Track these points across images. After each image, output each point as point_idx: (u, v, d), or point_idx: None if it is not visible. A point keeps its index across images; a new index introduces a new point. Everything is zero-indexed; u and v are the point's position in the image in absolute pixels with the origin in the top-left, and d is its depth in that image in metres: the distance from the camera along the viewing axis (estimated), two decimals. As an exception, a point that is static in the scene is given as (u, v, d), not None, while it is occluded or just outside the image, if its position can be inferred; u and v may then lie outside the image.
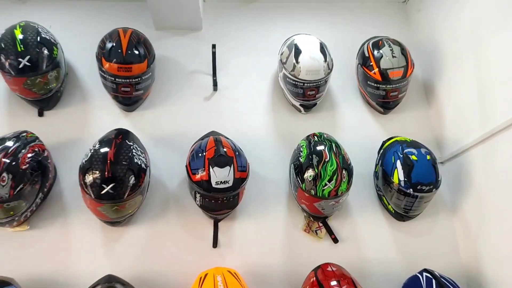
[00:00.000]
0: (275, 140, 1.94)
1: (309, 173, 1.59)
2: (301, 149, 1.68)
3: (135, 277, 1.60)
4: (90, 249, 1.68)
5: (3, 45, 1.67)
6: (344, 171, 1.60)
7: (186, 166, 1.62)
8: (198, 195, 1.60)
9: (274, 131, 1.96)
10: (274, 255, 1.72)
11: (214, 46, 1.95)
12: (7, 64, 1.66)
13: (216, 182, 1.53)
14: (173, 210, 1.77)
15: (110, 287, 1.43)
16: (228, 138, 1.73)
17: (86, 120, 1.90)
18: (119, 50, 1.73)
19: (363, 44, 2.05)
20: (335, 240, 1.75)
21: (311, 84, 1.85)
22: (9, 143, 1.55)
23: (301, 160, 1.64)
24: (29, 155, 1.56)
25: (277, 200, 1.82)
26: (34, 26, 1.77)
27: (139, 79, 1.78)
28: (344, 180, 1.59)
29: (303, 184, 1.61)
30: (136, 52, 1.76)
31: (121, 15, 2.13)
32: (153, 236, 1.72)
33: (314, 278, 1.48)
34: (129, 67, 1.74)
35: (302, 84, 1.85)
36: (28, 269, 1.61)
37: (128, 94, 1.83)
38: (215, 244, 1.72)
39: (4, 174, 1.46)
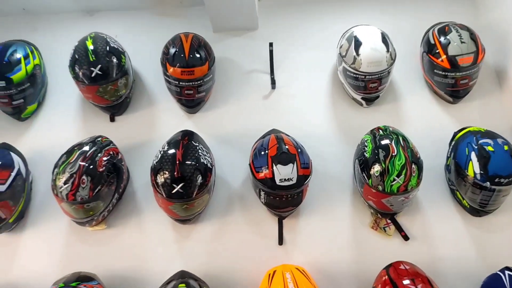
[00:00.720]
0: (337, 136, 1.91)
1: (376, 169, 1.54)
2: (366, 143, 1.64)
3: (205, 273, 1.65)
4: (163, 246, 1.76)
5: (77, 56, 1.80)
6: (413, 165, 1.53)
7: (250, 164, 1.64)
8: (262, 193, 1.62)
9: (335, 126, 1.93)
10: (341, 253, 1.69)
11: (271, 45, 1.96)
12: (80, 73, 1.79)
13: (280, 180, 1.54)
14: (238, 208, 1.80)
15: (184, 283, 1.48)
16: (289, 136, 1.73)
17: (153, 123, 1.99)
18: (182, 55, 1.80)
19: (428, 31, 1.95)
20: (406, 238, 1.68)
21: (373, 76, 1.79)
22: (86, 148, 1.66)
23: (366, 155, 1.60)
24: (105, 158, 1.66)
25: (341, 197, 1.78)
26: (103, 36, 1.89)
27: (201, 81, 1.84)
28: (414, 174, 1.52)
29: (370, 180, 1.56)
30: (198, 55, 1.82)
31: (181, 20, 2.20)
32: (220, 233, 1.77)
33: (386, 277, 1.43)
34: (191, 70, 1.80)
35: (363, 76, 1.80)
36: (107, 266, 1.71)
37: (191, 97, 1.89)
38: (280, 241, 1.72)
39: (84, 177, 1.57)
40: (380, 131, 1.66)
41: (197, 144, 1.67)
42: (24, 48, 1.95)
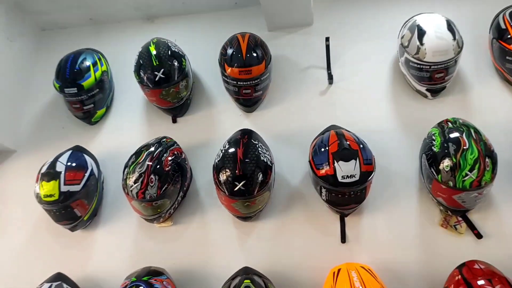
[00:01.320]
0: (400, 131, 1.84)
1: (446, 163, 1.46)
2: (434, 137, 1.56)
3: (268, 269, 1.66)
4: (226, 242, 1.80)
5: (141, 62, 1.90)
6: (487, 159, 1.43)
7: (309, 161, 1.63)
8: (323, 190, 1.60)
9: (398, 120, 1.86)
10: (408, 252, 1.62)
11: (327, 39, 1.93)
12: (145, 78, 1.88)
13: (342, 177, 1.51)
14: (298, 206, 1.80)
15: (249, 279, 1.50)
16: (349, 131, 1.69)
17: (212, 123, 2.05)
18: (239, 55, 1.82)
19: (497, 16, 1.82)
20: (479, 236, 1.58)
21: (439, 66, 1.70)
22: (153, 148, 1.74)
23: (435, 149, 1.52)
24: (170, 158, 1.73)
25: (407, 194, 1.71)
26: (164, 41, 1.97)
27: (259, 80, 1.86)
28: (487, 169, 1.43)
29: (439, 176, 1.48)
30: (255, 54, 1.84)
31: (236, 21, 2.24)
32: (281, 230, 1.77)
33: (460, 277, 1.36)
34: (249, 69, 1.82)
35: (428, 67, 1.72)
36: (174, 261, 1.78)
37: (249, 96, 1.92)
38: (343, 239, 1.69)
39: (152, 176, 1.65)
40: (449, 123, 1.57)
41: (256, 142, 1.69)
42: (92, 55, 2.09)
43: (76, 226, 1.84)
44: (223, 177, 1.60)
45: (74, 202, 1.74)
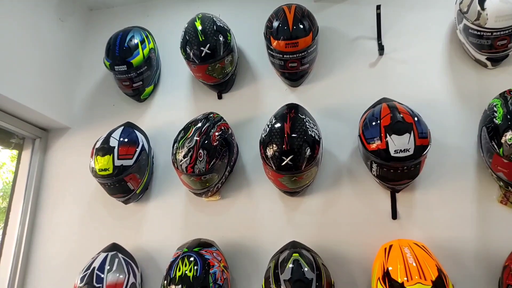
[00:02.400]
0: (458, 103, 1.73)
1: (509, 136, 1.36)
2: (495, 109, 1.46)
3: (315, 244, 1.66)
4: (272, 217, 1.81)
5: (187, 38, 1.90)
6: (556, 131, 1.33)
7: (359, 135, 1.58)
8: (374, 165, 1.55)
9: (455, 92, 1.75)
10: (464, 229, 1.56)
11: (378, 7, 1.84)
12: (191, 54, 1.89)
13: (395, 151, 1.45)
14: (347, 181, 1.77)
15: (297, 252, 1.51)
16: (402, 104, 1.61)
17: (257, 99, 2.03)
18: (286, 27, 1.77)
19: None
20: (542, 213, 1.49)
21: (502, 33, 1.57)
22: (200, 124, 1.76)
23: (497, 121, 1.42)
24: (217, 133, 1.74)
25: (464, 169, 1.63)
26: (209, 16, 1.96)
27: (305, 53, 1.80)
28: (557, 142, 1.32)
29: (501, 149, 1.39)
30: (301, 26, 1.78)
31: (281, -7, 2.18)
32: (329, 206, 1.75)
33: (523, 255, 1.29)
34: (295, 42, 1.77)
35: (489, 34, 1.59)
36: (222, 234, 1.83)
37: (295, 70, 1.87)
38: (394, 215, 1.65)
39: (201, 151, 1.67)
40: (513, 94, 1.46)
41: (303, 117, 1.66)
42: (140, 33, 2.11)
43: (129, 199, 1.91)
44: (270, 152, 1.59)
45: (127, 176, 1.81)
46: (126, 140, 1.85)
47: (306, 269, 1.44)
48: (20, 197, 2.13)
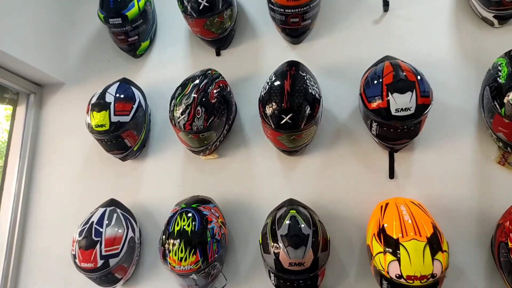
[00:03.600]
0: (461, 62, 1.68)
1: (512, 96, 1.35)
2: (500, 68, 1.43)
3: (312, 202, 1.68)
4: (270, 176, 1.82)
5: (184, -10, 1.82)
6: (561, 91, 1.31)
7: (360, 94, 1.56)
8: (374, 124, 1.53)
9: (459, 51, 1.70)
10: (461, 189, 1.57)
11: (384, -39, 1.76)
12: (189, 7, 1.81)
13: (396, 110, 1.43)
14: (345, 141, 1.75)
15: (294, 209, 1.53)
16: (405, 62, 1.58)
17: (257, 56, 1.98)
18: (287, -21, 1.70)
19: None
20: (539, 174, 1.50)
21: (512, -12, 1.52)
22: (198, 80, 1.72)
23: (500, 80, 1.40)
24: (215, 90, 1.71)
25: (464, 129, 1.62)
26: (207, -33, 1.87)
27: (308, 7, 1.73)
28: (561, 102, 1.31)
29: (503, 109, 1.38)
30: (304, -22, 1.71)
31: None
32: (327, 165, 1.75)
33: (518, 213, 1.31)
34: (298, -5, 1.70)
35: (498, -11, 1.54)
36: (220, 191, 1.84)
37: (296, 25, 1.81)
38: (391, 175, 1.66)
39: (199, 108, 1.65)
40: (519, 52, 1.43)
41: (304, 74, 1.62)
42: (134, -15, 2.02)
43: (127, 156, 1.91)
44: (269, 110, 1.57)
45: (124, 132, 1.79)
46: (122, 96, 1.82)
47: (303, 225, 1.46)
48: (16, 153, 2.12)
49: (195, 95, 1.67)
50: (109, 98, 1.79)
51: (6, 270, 2.01)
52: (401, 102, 1.42)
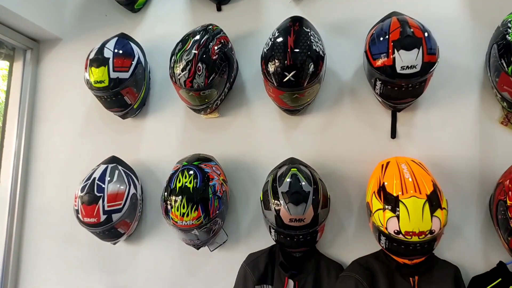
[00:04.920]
0: (470, 20, 1.64)
1: (521, 53, 1.32)
2: (509, 25, 1.38)
3: (313, 161, 1.68)
4: (271, 135, 1.81)
5: None
6: None
7: (365, 51, 1.52)
8: (378, 83, 1.51)
9: (468, 8, 1.64)
10: (462, 148, 1.57)
11: None
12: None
13: (401, 67, 1.40)
14: (348, 100, 1.74)
15: (295, 167, 1.54)
16: (413, 18, 1.53)
17: (259, 12, 1.91)
18: None
19: None
20: (542, 135, 1.50)
21: None
22: (199, 36, 1.67)
23: (509, 38, 1.36)
24: (216, 47, 1.66)
25: (468, 89, 1.60)
26: None
27: (313, -41, 1.67)
28: None
29: (510, 68, 1.35)
30: None
31: None
32: (329, 125, 1.75)
33: (518, 172, 1.32)
34: None
35: None
36: (221, 150, 1.84)
37: (301, -21, 1.75)
38: (393, 134, 1.65)
39: (200, 64, 1.61)
40: (531, 9, 1.38)
41: (308, 30, 1.57)
42: None
43: (127, 113, 1.89)
44: (272, 67, 1.53)
45: (124, 89, 1.76)
46: (121, 51, 1.77)
47: (303, 183, 1.47)
48: (15, 110, 2.11)
49: (196, 51, 1.63)
50: (108, 53, 1.74)
51: (10, 226, 2.05)
52: (407, 60, 1.39)
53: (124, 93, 1.77)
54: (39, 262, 2.04)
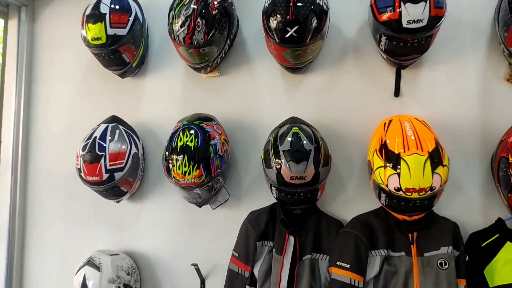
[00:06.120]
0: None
1: (532, 7, 1.27)
2: (522, -23, 1.33)
3: (315, 121, 1.66)
4: (273, 94, 1.79)
5: None
6: None
7: (371, 5, 1.46)
8: (383, 38, 1.46)
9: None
10: (467, 106, 1.55)
11: None
12: None
13: (407, 21, 1.35)
14: (351, 58, 1.70)
15: (296, 126, 1.52)
16: (420, -30, 1.46)
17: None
18: None
19: None
20: (548, 92, 1.47)
21: None
22: (197, -9, 1.61)
23: (521, -10, 1.31)
24: (216, 1, 1.60)
25: (475, 45, 1.56)
26: None
27: None
28: None
29: (520, 21, 1.31)
30: None
31: None
32: (332, 83, 1.72)
33: (522, 129, 1.30)
34: None
35: None
36: (221, 110, 1.82)
37: None
38: (397, 93, 1.63)
39: (199, 20, 1.56)
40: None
41: (312, -17, 1.51)
42: None
43: (126, 72, 1.86)
44: (273, 22, 1.48)
45: (122, 46, 1.72)
46: (117, 7, 1.71)
47: (305, 141, 1.47)
48: (13, 69, 2.08)
49: (195, 6, 1.57)
50: (104, 8, 1.69)
51: (14, 187, 2.07)
52: (413, 13, 1.34)
53: (122, 50, 1.73)
54: (45, 220, 2.08)
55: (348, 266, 1.45)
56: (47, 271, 2.05)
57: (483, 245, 1.43)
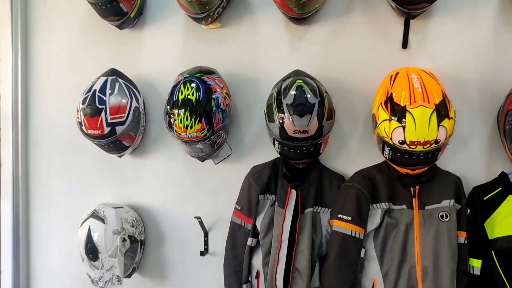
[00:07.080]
0: None
1: None
2: None
3: (320, 74, 1.62)
4: (277, 46, 1.73)
5: None
6: None
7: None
8: (393, -14, 1.40)
9: None
10: (477, 59, 1.51)
11: None
12: None
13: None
14: (358, 7, 1.63)
15: (300, 80, 1.48)
16: None
17: None
18: None
19: None
20: (562, 44, 1.42)
21: None
22: None
23: None
24: None
25: (488, -6, 1.49)
26: None
27: None
28: None
29: (539, -35, 1.24)
30: None
31: None
32: (337, 34, 1.66)
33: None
34: None
35: None
36: (223, 63, 1.77)
37: None
38: (405, 44, 1.57)
39: (199, -35, 1.49)
40: None
41: None
42: None
43: (124, 23, 1.79)
44: (277, -32, 1.42)
45: (119, -6, 1.65)
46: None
47: (309, 95, 1.43)
48: (7, 22, 2.00)
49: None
50: (98, -46, 1.60)
51: (15, 144, 2.06)
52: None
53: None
54: (48, 175, 2.08)
55: (349, 218, 1.47)
56: (53, 224, 2.08)
57: (485, 198, 1.43)
